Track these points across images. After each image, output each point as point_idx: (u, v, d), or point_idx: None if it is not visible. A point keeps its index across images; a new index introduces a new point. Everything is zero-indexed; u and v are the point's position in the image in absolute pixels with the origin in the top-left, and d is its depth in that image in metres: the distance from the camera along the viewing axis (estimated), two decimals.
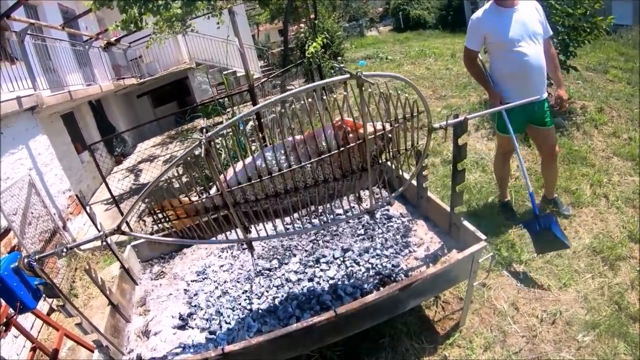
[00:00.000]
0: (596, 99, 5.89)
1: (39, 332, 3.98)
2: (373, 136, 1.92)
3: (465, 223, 2.15)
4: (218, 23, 8.13)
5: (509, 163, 3.75)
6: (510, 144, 3.28)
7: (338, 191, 1.94)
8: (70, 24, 9.03)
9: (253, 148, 2.18)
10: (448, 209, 2.28)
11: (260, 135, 3.79)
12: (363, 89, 1.72)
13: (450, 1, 22.98)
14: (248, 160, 2.00)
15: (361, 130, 1.84)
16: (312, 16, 9.31)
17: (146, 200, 6.81)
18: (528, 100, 2.50)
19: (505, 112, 3.09)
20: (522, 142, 4.78)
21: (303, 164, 1.88)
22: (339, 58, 10.96)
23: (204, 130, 1.77)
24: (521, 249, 3.24)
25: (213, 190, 2.00)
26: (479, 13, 3.18)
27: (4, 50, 5.27)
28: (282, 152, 1.93)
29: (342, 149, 1.86)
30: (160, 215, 2.08)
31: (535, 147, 3.81)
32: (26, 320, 3.63)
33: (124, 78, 11.73)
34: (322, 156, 1.88)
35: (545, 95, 3.18)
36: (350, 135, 1.89)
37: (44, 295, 1.99)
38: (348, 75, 1.69)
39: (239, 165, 1.96)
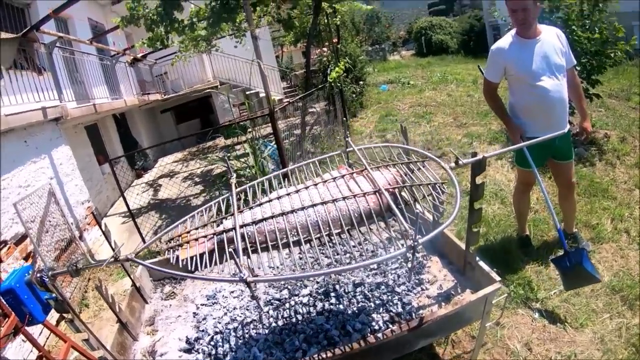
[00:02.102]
0: (619, 128, 5.77)
1: (47, 338, 4.00)
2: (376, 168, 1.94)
3: (481, 263, 2.10)
4: (237, 42, 8.33)
5: (529, 196, 3.67)
6: (531, 177, 3.21)
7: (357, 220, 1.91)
8: (99, 38, 9.32)
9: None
10: (463, 246, 2.23)
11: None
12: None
13: (472, 26, 23.04)
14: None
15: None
16: (335, 40, 9.40)
17: (163, 216, 6.91)
18: (552, 136, 2.44)
19: (527, 147, 3.02)
20: (541, 173, 4.69)
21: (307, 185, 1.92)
22: (361, 82, 11.01)
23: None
24: (538, 286, 3.15)
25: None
26: (499, 43, 3.09)
27: (32, 62, 5.45)
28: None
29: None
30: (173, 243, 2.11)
31: (553, 179, 3.73)
32: (36, 327, 3.67)
33: (148, 93, 12.02)
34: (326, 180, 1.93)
35: (567, 127, 3.10)
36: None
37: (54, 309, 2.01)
38: (339, 152, 2.23)
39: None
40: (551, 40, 2.95)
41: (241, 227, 1.95)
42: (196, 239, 1.99)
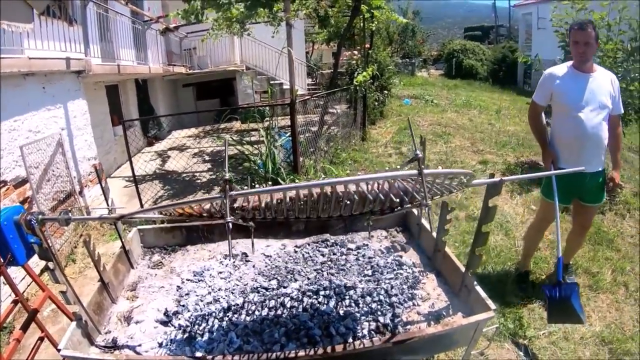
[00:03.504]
0: (633, 182, 5.74)
1: (27, 286, 3.96)
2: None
3: (478, 288, 2.02)
4: (274, 33, 8.29)
5: (543, 234, 3.62)
6: (551, 213, 3.14)
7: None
8: (135, 1, 9.31)
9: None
10: (463, 268, 2.16)
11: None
12: None
13: (505, 57, 22.91)
14: None
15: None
16: (367, 46, 9.34)
17: (166, 187, 6.88)
18: (578, 170, 2.37)
19: (555, 178, 3.00)
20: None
21: None
22: (385, 92, 10.94)
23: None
24: (528, 324, 3.09)
25: None
26: (553, 69, 3.13)
27: (65, 12, 5.44)
28: None
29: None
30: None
31: (572, 218, 3.68)
32: (19, 271, 3.62)
33: (174, 65, 12.01)
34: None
35: (600, 168, 3.08)
36: None
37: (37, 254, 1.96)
38: None
39: None
40: (603, 81, 2.98)
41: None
42: (190, 207, 1.94)
